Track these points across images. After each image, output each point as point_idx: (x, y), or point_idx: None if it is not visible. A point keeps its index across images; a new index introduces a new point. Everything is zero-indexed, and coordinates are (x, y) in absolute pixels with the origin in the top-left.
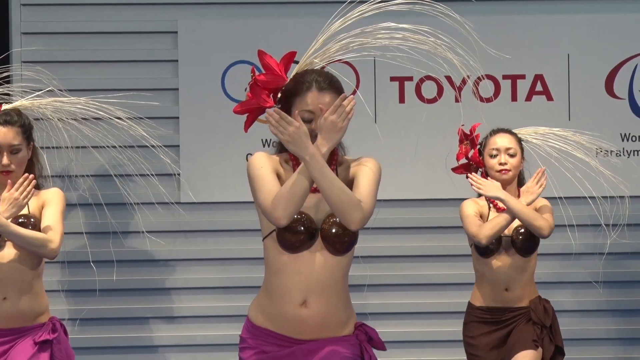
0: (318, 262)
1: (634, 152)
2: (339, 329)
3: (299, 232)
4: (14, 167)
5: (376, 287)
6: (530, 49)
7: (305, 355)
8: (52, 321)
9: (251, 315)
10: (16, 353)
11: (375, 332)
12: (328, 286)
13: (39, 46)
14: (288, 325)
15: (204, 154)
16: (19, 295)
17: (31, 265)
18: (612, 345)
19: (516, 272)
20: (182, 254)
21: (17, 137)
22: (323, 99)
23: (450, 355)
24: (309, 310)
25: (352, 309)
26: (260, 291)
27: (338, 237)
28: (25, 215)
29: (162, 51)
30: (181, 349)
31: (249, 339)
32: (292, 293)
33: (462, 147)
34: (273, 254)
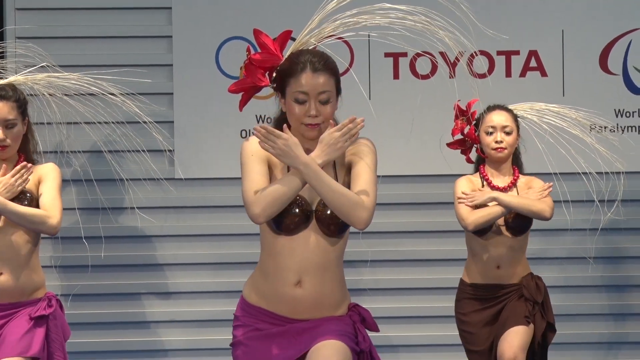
0: (313, 244)
1: (628, 128)
2: (332, 309)
3: (294, 214)
4: (10, 142)
5: (371, 262)
6: (525, 25)
7: (299, 332)
8: (48, 296)
9: (245, 294)
10: (12, 328)
11: (368, 313)
12: (322, 267)
13: (33, 22)
14: (282, 305)
15: (198, 130)
16: (16, 271)
17: (28, 240)
18: (605, 320)
19: (508, 251)
20: (175, 229)
21: (13, 111)
22: (317, 80)
23: (442, 331)
24: (303, 290)
25: (346, 290)
26: (255, 271)
27: (332, 219)
28: (22, 192)
29: (157, 27)
30: (173, 324)
31: (243, 317)
32: (287, 273)
33: (457, 122)
34: (268, 235)
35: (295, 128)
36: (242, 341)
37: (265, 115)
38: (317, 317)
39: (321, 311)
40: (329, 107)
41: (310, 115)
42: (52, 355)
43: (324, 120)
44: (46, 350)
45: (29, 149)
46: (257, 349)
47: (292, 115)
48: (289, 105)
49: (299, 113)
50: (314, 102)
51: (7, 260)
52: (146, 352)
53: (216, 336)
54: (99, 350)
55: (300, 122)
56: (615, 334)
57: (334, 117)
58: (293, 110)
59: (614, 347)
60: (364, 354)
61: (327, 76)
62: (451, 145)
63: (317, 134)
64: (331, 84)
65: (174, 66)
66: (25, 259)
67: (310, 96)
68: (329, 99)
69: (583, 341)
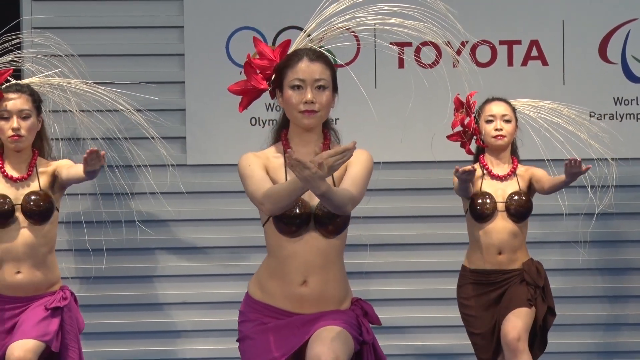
0: (314, 245)
1: (627, 116)
2: (336, 304)
3: (295, 216)
4: (24, 132)
5: (374, 246)
6: (526, 15)
7: (305, 323)
8: (63, 290)
9: (251, 291)
10: (27, 316)
11: (370, 307)
12: (325, 266)
13: (48, 12)
14: (288, 302)
15: (208, 118)
16: (32, 270)
17: (44, 241)
18: (600, 302)
19: (509, 237)
20: (187, 214)
21: (27, 103)
22: (313, 68)
23: (444, 313)
24: (308, 288)
25: (349, 285)
26: (261, 269)
27: (331, 220)
28: (37, 192)
29: (169, 17)
30: (185, 306)
31: (249, 313)
32: (293, 274)
33: (457, 115)
34: (272, 238)
35: (292, 119)
36: (249, 335)
37: (274, 104)
38: (321, 311)
39: (325, 306)
40: (325, 95)
41: (306, 102)
42: (66, 346)
43: (320, 108)
44: (61, 342)
45: (44, 149)
46: (263, 340)
47: (289, 105)
48: (286, 96)
49: (296, 100)
50: (310, 88)
51: (24, 259)
52: (158, 333)
53: (227, 317)
54: (114, 331)
55: (297, 110)
56: (612, 315)
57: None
58: (290, 99)
59: (611, 328)
60: (368, 346)
61: (323, 66)
62: (451, 138)
63: (314, 122)
64: (327, 75)
65: (186, 55)
66: (42, 258)
67: (306, 83)
68: (326, 87)
69: (582, 323)
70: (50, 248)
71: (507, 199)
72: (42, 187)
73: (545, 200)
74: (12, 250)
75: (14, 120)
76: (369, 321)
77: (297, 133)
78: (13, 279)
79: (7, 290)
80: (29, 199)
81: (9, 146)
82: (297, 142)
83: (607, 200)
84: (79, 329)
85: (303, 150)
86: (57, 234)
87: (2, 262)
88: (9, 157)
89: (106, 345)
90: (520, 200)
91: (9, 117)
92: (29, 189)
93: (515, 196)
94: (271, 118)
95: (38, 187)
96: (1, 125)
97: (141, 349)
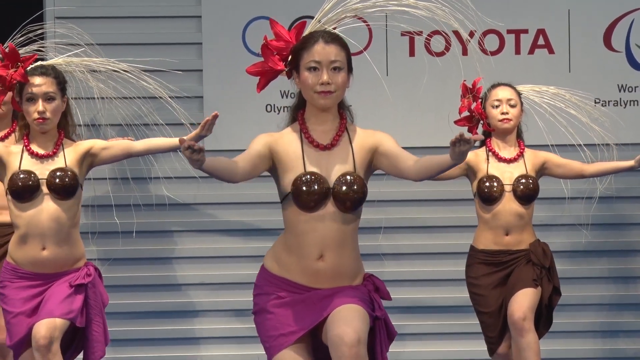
0: (331, 220)
1: (630, 102)
2: (350, 279)
3: (314, 191)
4: (49, 115)
5: (387, 229)
6: (533, 5)
7: (320, 299)
8: (87, 266)
9: (267, 265)
10: (54, 292)
11: (382, 282)
12: (341, 241)
13: (70, 3)
14: (304, 276)
15: (225, 105)
16: (57, 246)
17: (69, 217)
18: (605, 283)
19: (516, 219)
20: (204, 198)
21: (52, 86)
22: (329, 50)
23: (453, 293)
24: (324, 263)
25: (361, 262)
26: (277, 244)
27: (348, 196)
28: (63, 169)
29: (187, 7)
30: (203, 287)
31: (265, 286)
32: (310, 249)
33: (464, 100)
34: (290, 214)
35: (309, 100)
36: (265, 309)
37: (288, 91)
38: (335, 286)
39: (340, 281)
40: (340, 76)
41: (322, 83)
42: (91, 321)
43: (336, 88)
44: (85, 316)
45: (68, 128)
46: (281, 314)
47: (306, 86)
48: (302, 77)
49: (312, 82)
50: (326, 69)
51: (50, 236)
52: (177, 312)
53: (243, 298)
54: (134, 311)
55: (313, 91)
56: (616, 295)
57: (345, 99)
58: (306, 80)
59: (614, 308)
60: (380, 321)
61: (338, 48)
62: (458, 122)
63: (330, 102)
64: (342, 56)
65: (203, 44)
66: (67, 234)
67: (322, 64)
68: (341, 68)
69: (586, 303)
70: (74, 223)
71: (515, 182)
72: (67, 164)
73: (550, 184)
74: (37, 226)
75: (39, 104)
76: (380, 296)
77: (313, 113)
78: (39, 255)
79: (33, 266)
80: (55, 175)
81: (35, 128)
82: (314, 122)
83: (606, 184)
84: (103, 304)
85: (319, 129)
86: (80, 211)
87: (28, 238)
88: (35, 138)
89: (127, 324)
90: (527, 183)
91: (35, 99)
92: (54, 165)
93: (522, 179)
94: (286, 105)
95: (64, 164)
96: (27, 107)
97: (161, 328)
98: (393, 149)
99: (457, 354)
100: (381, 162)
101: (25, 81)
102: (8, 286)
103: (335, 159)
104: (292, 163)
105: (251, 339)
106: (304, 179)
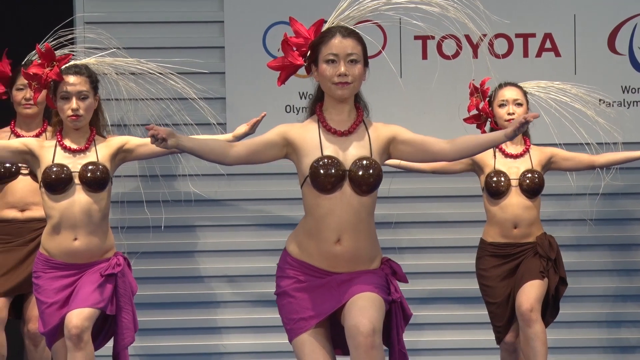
0: (348, 203)
1: (633, 103)
2: (367, 263)
3: (331, 174)
4: (82, 112)
5: (406, 224)
6: (540, 10)
7: (339, 284)
8: (116, 256)
9: (290, 249)
10: (84, 282)
11: (399, 266)
12: (357, 224)
13: (99, 9)
14: (323, 260)
15: (246, 105)
16: (89, 236)
17: (99, 208)
18: (610, 276)
19: (523, 212)
20: (225, 194)
21: (85, 85)
22: (346, 43)
23: (467, 285)
24: (342, 247)
25: (379, 245)
26: (298, 229)
27: (363, 179)
28: (94, 163)
29: (210, 13)
30: (224, 279)
31: (287, 269)
32: (328, 232)
33: (472, 99)
34: (309, 198)
35: (327, 91)
36: (287, 292)
37: (307, 92)
38: (354, 270)
39: (358, 265)
40: (357, 68)
41: (340, 74)
42: (121, 309)
43: (353, 80)
44: (115, 305)
45: (99, 124)
46: (302, 299)
47: (324, 78)
48: (320, 70)
49: (330, 73)
50: (343, 62)
51: (81, 226)
52: (201, 303)
53: (261, 290)
54: (161, 301)
55: (331, 82)
56: (620, 287)
57: (362, 94)
58: (324, 72)
59: (618, 299)
60: (396, 304)
61: (355, 41)
62: (467, 120)
63: (347, 93)
64: (359, 50)
65: (226, 48)
66: (97, 225)
67: (339, 57)
68: (357, 61)
69: (591, 294)
70: (105, 215)
71: (521, 176)
72: (99, 158)
73: (557, 181)
74: (70, 217)
75: (73, 102)
76: (398, 279)
77: (331, 104)
78: (71, 245)
79: (65, 256)
80: (86, 168)
81: (68, 125)
82: (332, 113)
83: (609, 180)
84: (132, 292)
85: (336, 119)
86: (110, 202)
87: (61, 229)
88: (68, 134)
89: (155, 314)
90: (533, 177)
91: (69, 98)
92: (86, 159)
93: (528, 174)
94: (304, 106)
95: (95, 158)
96: (61, 105)
97: (186, 318)
98: (415, 136)
99: (469, 343)
100: (402, 150)
101: (60, 80)
102: (42, 276)
103: (352, 145)
104: (309, 148)
105: (270, 329)
106: (321, 162)
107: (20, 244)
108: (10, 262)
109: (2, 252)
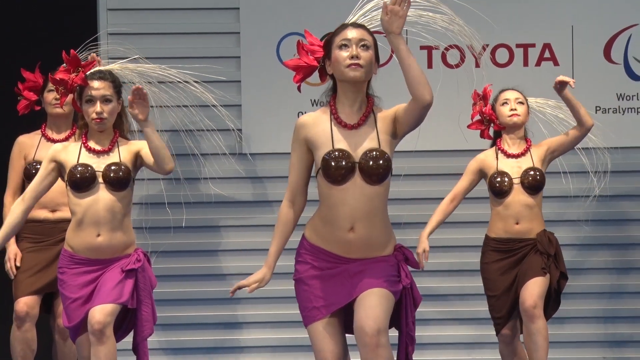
0: (359, 193)
1: (628, 110)
2: (380, 249)
3: (341, 166)
4: (106, 115)
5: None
6: (540, 21)
7: (352, 275)
8: (137, 252)
9: (307, 235)
10: (106, 279)
11: (411, 253)
12: (370, 213)
13: (120, 20)
14: (338, 246)
15: (261, 112)
16: (111, 232)
17: (122, 205)
18: (607, 274)
19: (525, 209)
20: (242, 196)
21: (109, 89)
22: (357, 31)
23: (469, 283)
24: (355, 234)
25: (392, 232)
26: (315, 217)
27: (373, 170)
28: (117, 164)
29: (227, 25)
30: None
31: (305, 254)
32: (342, 221)
33: (475, 107)
34: (323, 187)
35: (340, 76)
36: (303, 279)
37: (318, 100)
38: (367, 256)
39: (371, 251)
40: (369, 53)
41: (352, 56)
42: (141, 302)
43: (364, 63)
44: (136, 298)
45: (122, 128)
46: (316, 287)
47: (337, 62)
48: (334, 57)
49: (343, 57)
50: (356, 46)
51: (104, 223)
52: (221, 300)
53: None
54: (182, 298)
55: (344, 65)
56: (616, 285)
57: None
58: (337, 57)
59: (615, 296)
60: (406, 290)
61: (366, 32)
62: (471, 126)
63: (359, 75)
64: (370, 38)
65: (242, 58)
66: (119, 222)
67: (352, 42)
68: (369, 47)
69: (589, 292)
70: (127, 212)
71: (522, 174)
72: (122, 159)
73: (556, 184)
74: (94, 214)
75: (97, 105)
76: (409, 265)
77: (344, 95)
78: (94, 241)
79: (88, 252)
80: (110, 168)
81: (93, 127)
82: (344, 103)
83: (604, 184)
84: (151, 286)
85: (347, 110)
86: (131, 201)
87: (84, 225)
88: (92, 136)
89: (176, 310)
90: (534, 174)
91: (94, 101)
92: (110, 160)
93: (530, 171)
94: None
95: (118, 159)
96: (86, 108)
97: (206, 314)
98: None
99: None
100: (400, 122)
101: (85, 84)
102: (66, 272)
103: (361, 137)
104: (322, 140)
105: (288, 324)
106: (332, 155)
107: (50, 244)
108: (41, 261)
109: (33, 252)
